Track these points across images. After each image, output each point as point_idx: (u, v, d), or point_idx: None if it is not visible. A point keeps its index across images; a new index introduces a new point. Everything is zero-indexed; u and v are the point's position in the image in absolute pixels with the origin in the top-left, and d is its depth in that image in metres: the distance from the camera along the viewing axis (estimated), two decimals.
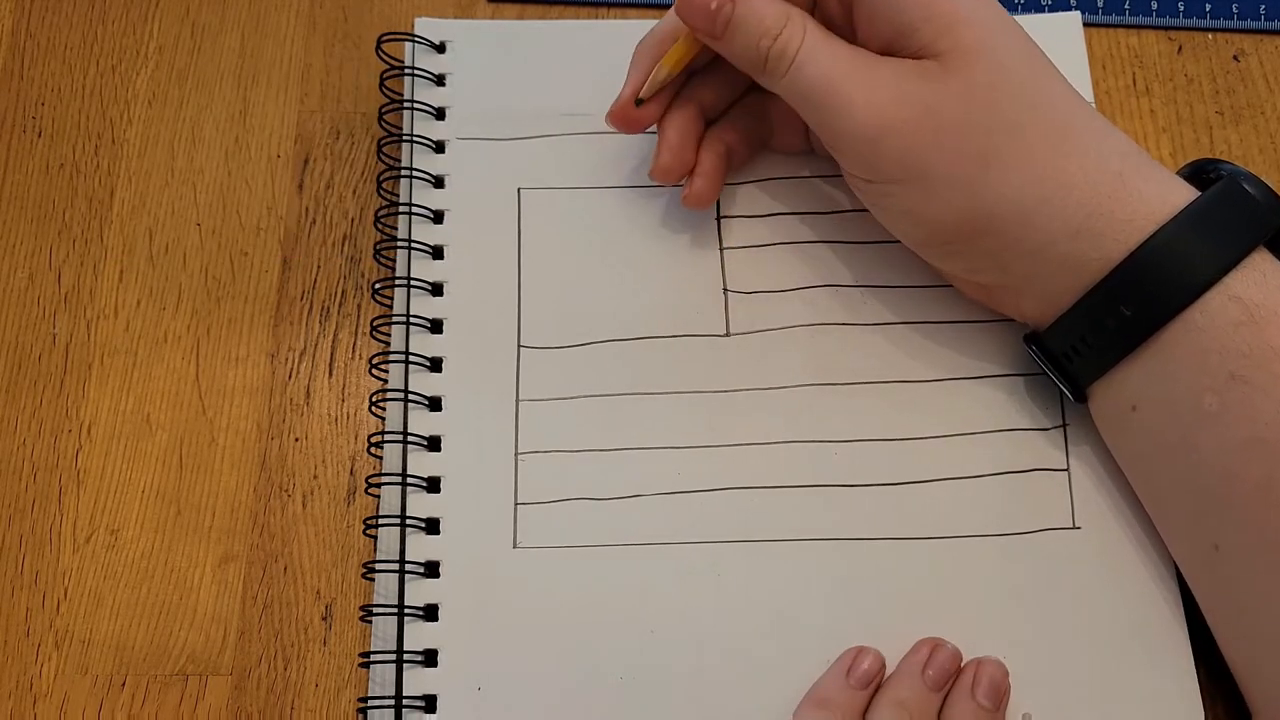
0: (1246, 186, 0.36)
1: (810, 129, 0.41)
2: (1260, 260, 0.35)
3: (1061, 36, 0.47)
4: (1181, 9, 0.48)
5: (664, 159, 0.41)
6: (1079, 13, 0.47)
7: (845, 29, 0.40)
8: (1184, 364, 0.35)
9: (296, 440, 0.42)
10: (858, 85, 0.37)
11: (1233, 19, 0.48)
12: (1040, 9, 0.48)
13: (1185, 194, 0.36)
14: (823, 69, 0.37)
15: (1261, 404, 0.34)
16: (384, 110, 0.45)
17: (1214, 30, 0.48)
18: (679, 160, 0.41)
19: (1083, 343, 0.37)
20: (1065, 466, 0.41)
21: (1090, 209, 0.36)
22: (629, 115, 0.41)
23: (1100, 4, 0.48)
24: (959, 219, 0.37)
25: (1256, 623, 0.35)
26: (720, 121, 0.43)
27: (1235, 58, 0.48)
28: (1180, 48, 0.48)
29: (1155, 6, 0.48)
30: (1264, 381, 0.34)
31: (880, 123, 0.36)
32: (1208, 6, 0.48)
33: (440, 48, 0.46)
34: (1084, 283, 0.36)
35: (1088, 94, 0.46)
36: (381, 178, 0.44)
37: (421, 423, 0.41)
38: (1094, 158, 0.36)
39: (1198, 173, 0.38)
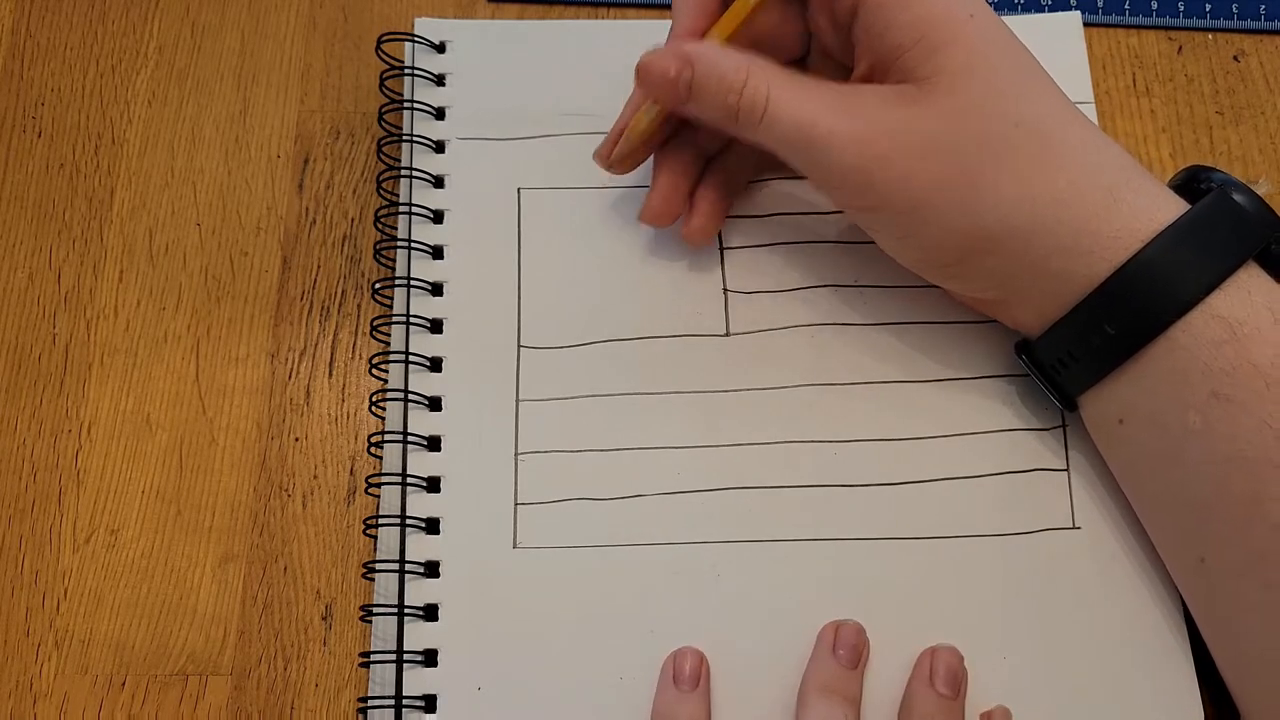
0: (1237, 198, 0.36)
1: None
2: (1246, 276, 0.35)
3: (1061, 36, 0.47)
4: (1181, 9, 0.48)
5: (653, 203, 0.41)
6: (1079, 13, 0.47)
7: (837, 48, 0.40)
8: (1167, 381, 0.35)
9: (296, 440, 0.42)
10: (839, 119, 0.36)
11: (1233, 19, 0.48)
12: (1040, 9, 0.48)
13: (1174, 209, 0.36)
14: (798, 111, 0.37)
15: (1244, 421, 0.34)
16: (384, 110, 0.45)
17: (1214, 30, 0.48)
18: (669, 206, 0.41)
19: (1069, 356, 0.37)
20: (1065, 467, 0.41)
21: (1080, 225, 0.36)
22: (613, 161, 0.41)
23: (1100, 4, 0.48)
24: (956, 240, 0.37)
25: (1242, 632, 0.35)
26: (723, 153, 0.42)
27: (1235, 58, 0.48)
28: (1180, 48, 0.48)
29: (1155, 6, 0.48)
30: (1246, 399, 0.34)
31: (869, 154, 0.36)
32: (1208, 6, 0.48)
33: (440, 48, 0.46)
34: (1073, 298, 0.36)
35: (1087, 94, 0.46)
36: (381, 178, 0.44)
37: (421, 423, 0.41)
38: (1086, 172, 0.36)
39: (1191, 180, 0.38)
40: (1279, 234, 0.36)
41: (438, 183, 0.44)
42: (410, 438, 0.40)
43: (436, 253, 0.43)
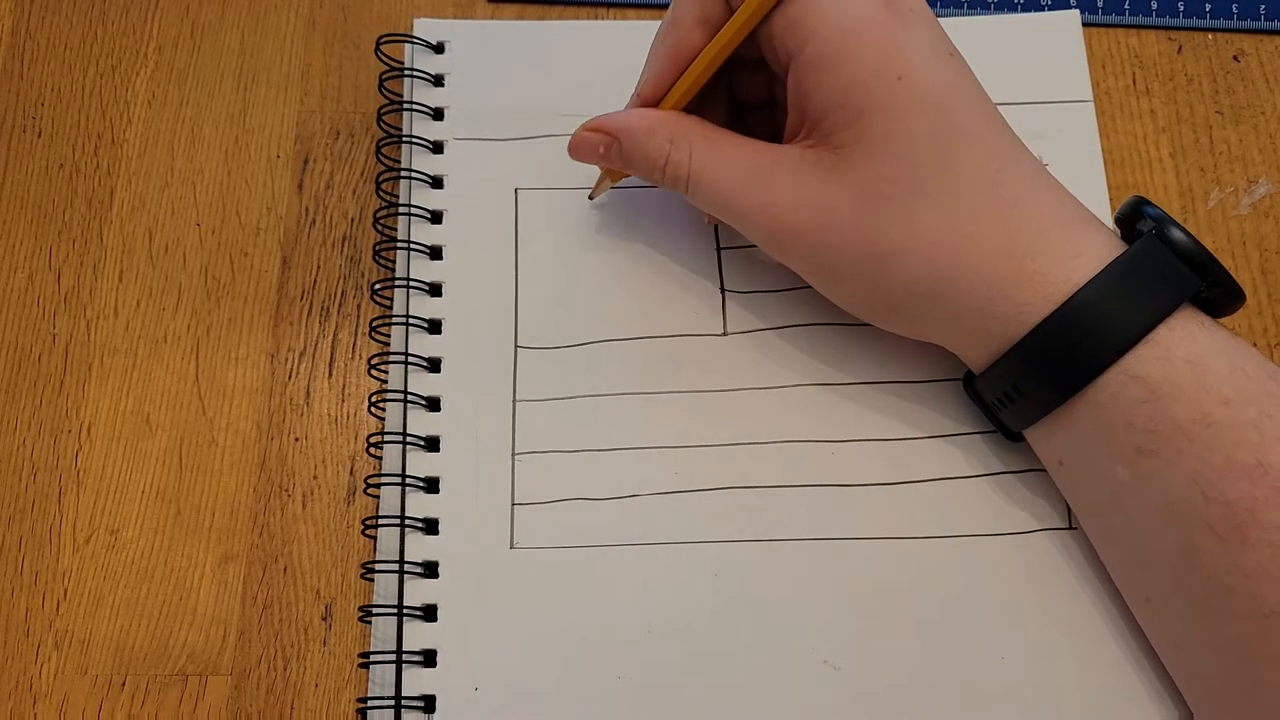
0: (1167, 243, 0.34)
1: None
2: (1168, 330, 0.34)
3: (1061, 36, 0.47)
4: (1181, 9, 0.48)
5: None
6: (1078, 12, 0.47)
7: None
8: (1093, 436, 0.35)
9: (296, 440, 0.42)
10: (754, 193, 0.37)
11: (1233, 19, 0.48)
12: (1040, 8, 0.48)
13: (1091, 268, 0.35)
14: (716, 185, 0.38)
15: (1171, 477, 0.34)
16: (383, 111, 0.45)
17: (1214, 30, 0.48)
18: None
19: (1006, 397, 0.37)
20: None
21: (993, 292, 0.35)
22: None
23: (1100, 4, 0.48)
24: (867, 303, 0.38)
25: (1190, 667, 0.36)
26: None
27: (1235, 58, 0.48)
28: (1180, 48, 0.48)
29: (1155, 6, 0.48)
30: (1171, 455, 0.33)
31: (779, 228, 0.37)
32: (1208, 6, 0.48)
33: (439, 48, 0.47)
34: (1005, 344, 0.36)
35: (1087, 94, 0.46)
36: (380, 178, 0.44)
37: (420, 423, 0.41)
38: (1002, 239, 0.35)
39: (1133, 213, 0.36)
40: (1211, 277, 0.35)
41: (436, 183, 0.44)
42: (409, 438, 0.41)
43: (435, 253, 0.43)
